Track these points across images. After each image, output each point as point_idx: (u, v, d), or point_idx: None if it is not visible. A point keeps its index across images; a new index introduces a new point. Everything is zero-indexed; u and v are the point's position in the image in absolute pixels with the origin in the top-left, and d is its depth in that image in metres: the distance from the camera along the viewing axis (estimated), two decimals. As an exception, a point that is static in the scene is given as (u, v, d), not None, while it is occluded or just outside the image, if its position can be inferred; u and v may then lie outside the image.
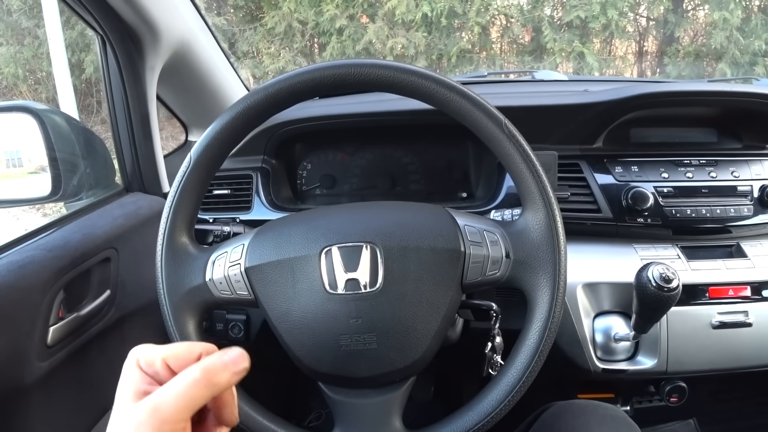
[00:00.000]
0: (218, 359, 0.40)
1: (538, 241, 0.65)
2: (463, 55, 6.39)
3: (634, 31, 6.76)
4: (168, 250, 0.67)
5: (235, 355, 0.41)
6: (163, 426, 0.38)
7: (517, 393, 0.63)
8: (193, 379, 0.39)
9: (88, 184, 1.04)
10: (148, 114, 1.01)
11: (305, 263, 0.64)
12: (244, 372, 0.41)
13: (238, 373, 0.41)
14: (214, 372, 0.40)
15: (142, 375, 0.41)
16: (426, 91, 0.64)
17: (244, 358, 0.41)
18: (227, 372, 0.40)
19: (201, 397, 0.39)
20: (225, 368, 0.40)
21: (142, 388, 0.40)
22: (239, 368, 0.41)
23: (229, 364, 0.40)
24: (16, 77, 6.52)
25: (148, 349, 0.42)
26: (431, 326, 0.65)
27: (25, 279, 0.74)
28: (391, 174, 1.20)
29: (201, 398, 0.39)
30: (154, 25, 0.94)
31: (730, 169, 1.07)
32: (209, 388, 0.39)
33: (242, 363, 0.41)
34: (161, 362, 0.41)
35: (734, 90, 1.06)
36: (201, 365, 0.40)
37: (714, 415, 1.40)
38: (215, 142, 0.67)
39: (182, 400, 0.38)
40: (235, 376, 0.41)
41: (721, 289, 0.99)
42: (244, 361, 0.41)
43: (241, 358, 0.41)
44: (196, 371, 0.39)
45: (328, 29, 6.41)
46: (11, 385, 0.71)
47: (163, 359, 0.42)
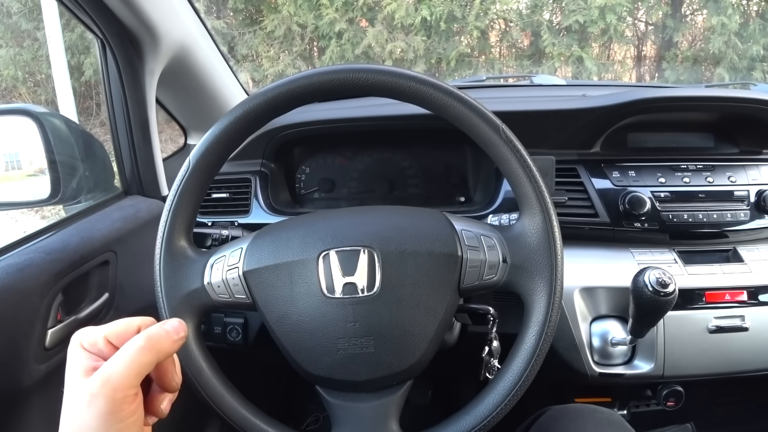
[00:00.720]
0: (159, 328, 0.44)
1: (535, 246, 0.65)
2: (462, 59, 6.41)
3: (632, 36, 6.77)
4: (166, 253, 0.67)
5: (175, 324, 0.45)
6: (116, 394, 0.41)
7: (514, 397, 0.63)
8: (137, 347, 0.42)
9: (87, 187, 1.04)
10: (148, 118, 1.02)
11: (303, 267, 0.65)
12: (183, 340, 0.45)
13: (179, 341, 0.45)
14: (156, 339, 0.43)
15: (87, 354, 0.44)
16: (423, 96, 0.64)
17: (183, 327, 0.46)
18: (168, 339, 0.44)
19: (147, 363, 0.42)
20: (167, 336, 0.44)
21: (90, 365, 0.43)
22: (179, 336, 0.45)
23: (171, 332, 0.44)
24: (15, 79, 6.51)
25: (89, 331, 0.45)
26: (428, 330, 0.65)
27: (24, 282, 0.74)
28: (390, 178, 1.21)
29: (147, 364, 0.42)
30: (154, 28, 0.94)
31: (727, 174, 1.08)
32: (154, 354, 0.43)
33: (181, 331, 0.45)
34: (103, 340, 0.44)
35: (731, 95, 1.07)
36: (144, 334, 0.43)
37: (712, 419, 1.40)
38: (214, 147, 0.67)
39: (130, 367, 0.41)
40: (175, 343, 0.44)
41: (718, 294, 0.99)
42: (183, 329, 0.45)
43: (180, 326, 0.45)
44: (140, 339, 0.43)
45: (328, 33, 6.42)
46: (9, 387, 0.71)
47: (105, 337, 0.44)
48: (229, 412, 0.66)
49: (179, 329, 0.45)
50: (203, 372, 0.66)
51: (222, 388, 0.66)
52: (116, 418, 0.41)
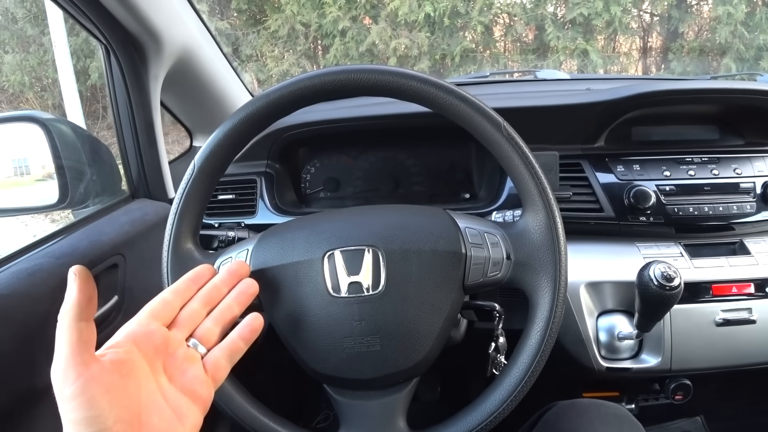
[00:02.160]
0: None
1: (539, 243, 0.65)
2: (466, 54, 6.39)
3: (638, 28, 6.73)
4: (173, 255, 0.68)
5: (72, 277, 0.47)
6: (56, 371, 0.43)
7: (520, 393, 0.64)
8: (59, 321, 0.46)
9: (94, 191, 1.05)
10: (153, 121, 1.02)
11: (309, 267, 0.65)
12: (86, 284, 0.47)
13: (81, 287, 0.47)
14: (66, 303, 0.47)
15: None
16: (425, 95, 0.65)
17: (82, 276, 0.48)
18: (70, 294, 0.47)
19: (72, 328, 0.45)
20: (69, 293, 0.47)
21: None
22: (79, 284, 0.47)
23: (70, 286, 0.47)
24: (22, 84, 6.56)
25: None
26: (434, 328, 0.65)
27: (34, 286, 0.75)
28: (395, 176, 1.21)
29: (73, 329, 0.45)
30: (157, 33, 0.95)
31: (732, 166, 1.07)
32: (72, 318, 0.45)
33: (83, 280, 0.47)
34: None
35: (735, 87, 1.06)
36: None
37: (721, 412, 1.40)
38: (218, 149, 0.68)
39: (61, 341, 0.44)
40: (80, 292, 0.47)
41: (725, 287, 0.99)
42: (83, 277, 0.48)
43: (81, 278, 0.47)
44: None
45: (331, 31, 6.42)
46: (22, 390, 0.72)
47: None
48: (239, 412, 0.66)
49: (70, 276, 0.48)
50: None
51: (231, 387, 0.67)
52: (66, 394, 0.43)
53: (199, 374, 0.51)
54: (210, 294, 0.56)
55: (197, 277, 0.57)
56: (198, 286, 0.56)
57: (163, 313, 0.52)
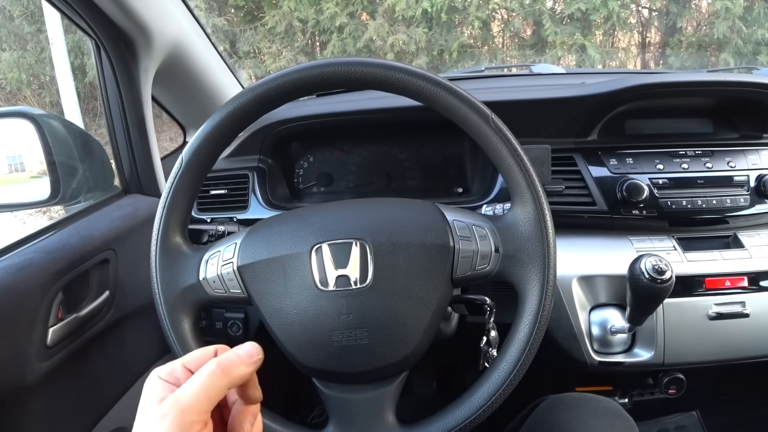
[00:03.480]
0: (232, 353, 0.44)
1: (527, 235, 0.65)
2: (464, 50, 6.39)
3: (636, 23, 6.72)
4: (162, 250, 0.68)
5: (248, 348, 0.45)
6: (184, 416, 0.40)
7: (509, 386, 0.64)
8: (209, 372, 0.42)
9: (86, 187, 1.05)
10: (144, 116, 1.02)
11: (296, 261, 0.65)
12: (259, 362, 0.45)
13: (252, 364, 0.44)
14: (228, 363, 0.43)
15: (163, 383, 0.43)
16: (413, 88, 0.64)
17: (257, 350, 0.45)
18: (241, 363, 0.44)
19: (218, 387, 0.42)
20: (239, 360, 0.44)
21: (165, 394, 0.42)
22: (252, 360, 0.44)
23: (243, 356, 0.44)
24: (20, 82, 6.56)
25: (167, 363, 0.45)
26: (422, 321, 0.65)
27: (24, 281, 0.75)
28: (388, 171, 1.21)
29: (218, 388, 0.42)
30: (147, 28, 0.94)
31: (726, 159, 1.07)
32: (225, 378, 0.42)
33: (256, 355, 0.45)
34: (180, 368, 0.44)
35: (729, 80, 1.06)
36: (216, 359, 0.43)
37: (717, 406, 1.40)
38: (206, 143, 0.68)
39: (200, 390, 0.41)
40: (249, 367, 0.44)
41: (718, 280, 0.99)
42: (258, 353, 0.45)
43: (254, 350, 0.45)
44: (212, 364, 0.42)
45: (329, 27, 6.42)
46: (12, 385, 0.73)
47: (183, 364, 0.44)
48: None
49: (253, 353, 0.45)
50: None
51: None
52: None
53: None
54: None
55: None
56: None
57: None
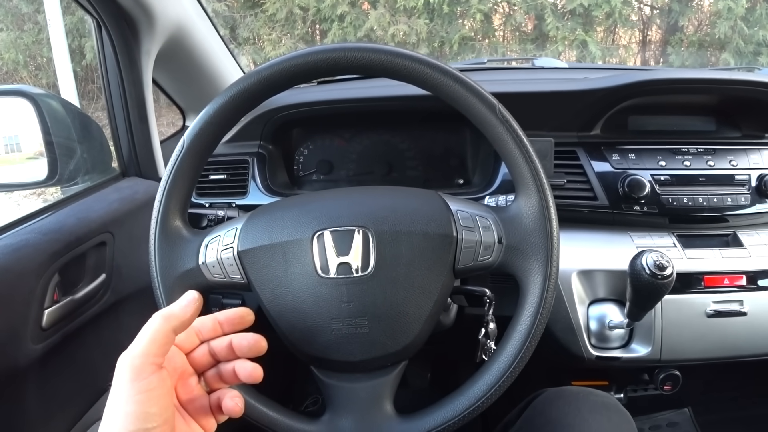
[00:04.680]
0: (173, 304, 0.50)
1: (531, 227, 0.65)
2: (465, 42, 6.37)
3: (637, 20, 6.72)
4: (161, 233, 0.67)
5: (183, 296, 0.50)
6: (134, 361, 0.45)
7: (508, 378, 0.63)
8: (151, 320, 0.47)
9: (84, 168, 1.04)
10: (144, 98, 1.01)
11: (297, 247, 0.64)
12: (194, 304, 0.49)
13: (187, 306, 0.49)
14: (167, 310, 0.48)
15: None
16: (419, 76, 0.64)
17: (192, 295, 0.50)
18: (177, 306, 0.49)
19: (161, 331, 0.46)
20: (176, 304, 0.49)
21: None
22: (187, 300, 0.49)
23: (180, 301, 0.49)
24: (16, 63, 6.51)
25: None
26: (423, 311, 0.65)
27: (20, 262, 0.74)
28: (389, 160, 1.20)
29: (162, 332, 0.46)
30: (149, 8, 0.93)
31: (728, 157, 1.07)
32: (166, 323, 0.47)
33: (189, 296, 0.49)
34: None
35: (732, 78, 1.05)
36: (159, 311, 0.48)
37: (709, 404, 1.41)
38: (208, 127, 0.67)
39: (145, 337, 0.46)
40: (184, 308, 0.49)
41: (717, 278, 0.99)
42: (192, 296, 0.49)
43: (191, 296, 0.49)
44: (155, 315, 0.48)
45: (330, 15, 6.39)
46: (6, 366, 0.72)
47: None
48: None
49: (187, 296, 0.49)
50: None
51: None
52: (138, 387, 0.44)
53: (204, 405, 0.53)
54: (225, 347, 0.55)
55: (230, 325, 0.57)
56: (226, 331, 0.56)
57: (186, 343, 0.54)
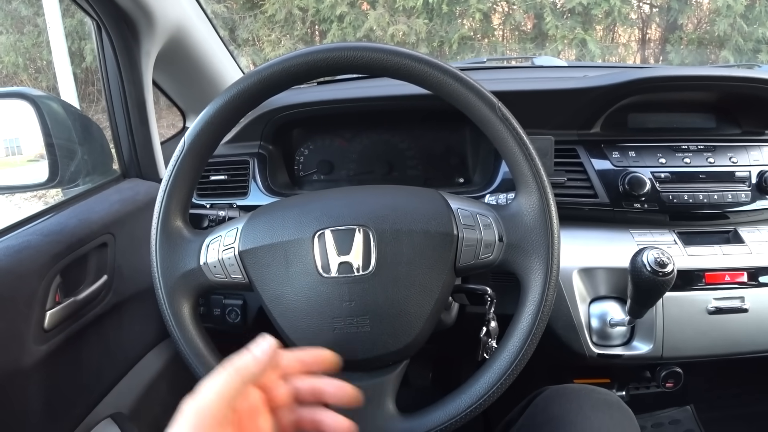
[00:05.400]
0: (246, 353, 0.47)
1: (532, 225, 0.65)
2: (464, 42, 6.36)
3: (636, 18, 6.71)
4: (162, 234, 0.67)
5: (260, 343, 0.48)
6: (202, 420, 0.42)
7: (510, 376, 0.63)
8: (222, 372, 0.45)
9: (85, 170, 1.04)
10: (145, 100, 1.01)
11: (298, 246, 0.64)
12: (270, 353, 0.47)
13: (264, 356, 0.47)
14: (241, 362, 0.46)
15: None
16: (419, 75, 0.64)
17: (268, 342, 0.48)
18: (253, 359, 0.46)
19: (233, 388, 0.45)
20: (252, 356, 0.47)
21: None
22: (264, 352, 0.47)
23: (255, 351, 0.47)
24: (16, 66, 6.50)
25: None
26: (424, 309, 0.65)
27: (22, 264, 0.74)
28: (389, 160, 1.20)
29: (233, 389, 0.45)
30: (149, 9, 0.93)
31: (728, 154, 1.07)
32: (239, 378, 0.45)
33: (267, 347, 0.47)
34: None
35: (732, 75, 1.05)
36: (233, 362, 0.46)
37: (712, 401, 1.40)
38: (209, 127, 0.67)
39: (215, 394, 0.44)
40: (260, 360, 0.47)
41: (718, 275, 0.99)
42: (268, 344, 0.48)
43: (264, 343, 0.48)
44: (228, 367, 0.46)
45: (329, 16, 6.38)
46: (9, 368, 0.72)
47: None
48: None
49: (263, 347, 0.47)
50: (199, 351, 0.67)
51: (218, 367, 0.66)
52: None
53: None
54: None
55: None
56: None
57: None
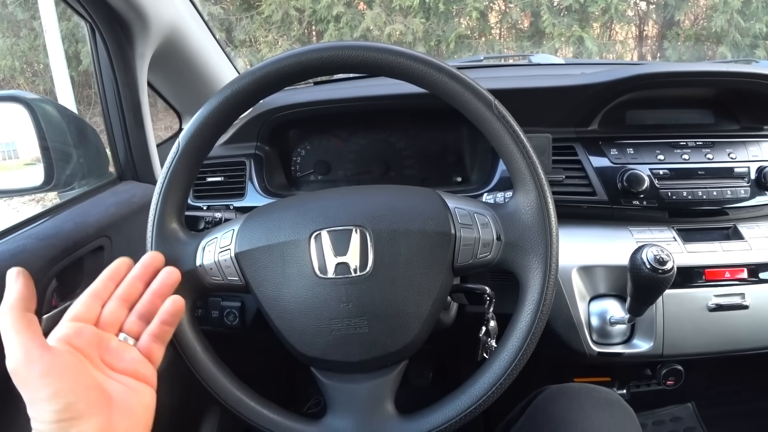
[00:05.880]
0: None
1: (530, 223, 0.64)
2: (461, 41, 6.36)
3: (633, 15, 6.72)
4: (158, 236, 0.67)
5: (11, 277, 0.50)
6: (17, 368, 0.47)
7: (509, 376, 0.63)
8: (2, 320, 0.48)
9: (80, 173, 1.03)
10: (140, 102, 1.01)
11: (295, 248, 0.64)
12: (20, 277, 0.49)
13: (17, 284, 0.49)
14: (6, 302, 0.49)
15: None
16: (415, 73, 0.63)
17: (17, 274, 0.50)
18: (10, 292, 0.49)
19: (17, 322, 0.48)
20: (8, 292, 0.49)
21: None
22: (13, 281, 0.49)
23: (9, 284, 0.49)
24: (13, 69, 6.51)
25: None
26: (422, 310, 0.65)
27: None
28: (386, 159, 1.20)
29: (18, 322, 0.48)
30: (143, 11, 0.93)
31: (726, 150, 1.06)
32: (14, 311, 0.48)
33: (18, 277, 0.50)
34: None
35: (730, 70, 1.05)
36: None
37: (712, 398, 1.40)
38: (203, 128, 0.66)
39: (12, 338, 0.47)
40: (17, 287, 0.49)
41: (718, 272, 0.99)
42: (19, 275, 0.50)
43: (16, 276, 0.50)
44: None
45: (326, 16, 6.39)
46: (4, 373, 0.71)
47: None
48: (224, 394, 0.66)
49: (10, 276, 0.50)
50: (198, 355, 0.66)
51: (216, 370, 0.66)
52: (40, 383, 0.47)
53: (136, 356, 0.54)
54: (127, 291, 0.57)
55: (113, 275, 0.58)
56: (115, 283, 0.58)
57: (85, 314, 0.54)
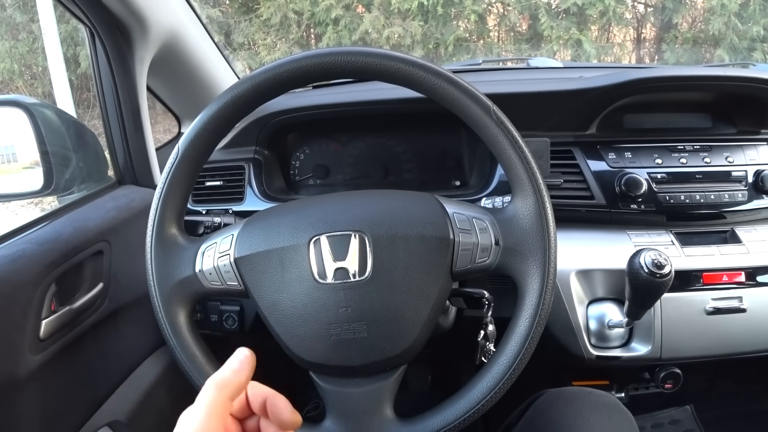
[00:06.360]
0: (223, 367, 0.44)
1: (528, 228, 0.65)
2: (460, 44, 6.37)
3: (631, 18, 6.73)
4: (157, 241, 0.67)
5: (235, 354, 0.45)
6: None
7: (508, 380, 0.63)
8: (205, 389, 0.42)
9: (80, 177, 1.03)
10: (139, 106, 1.01)
11: (294, 253, 0.64)
12: (248, 362, 0.44)
13: (241, 367, 0.44)
14: (220, 377, 0.43)
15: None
16: (413, 78, 0.63)
17: (243, 353, 0.45)
18: (231, 372, 0.43)
19: (220, 403, 0.42)
20: (229, 369, 0.44)
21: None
22: (241, 363, 0.44)
23: (232, 363, 0.44)
24: (11, 72, 6.50)
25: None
26: (421, 314, 0.65)
27: (17, 273, 0.74)
28: (385, 163, 1.20)
29: (220, 404, 0.42)
30: (142, 16, 0.93)
31: (724, 154, 1.07)
32: (222, 392, 0.42)
33: (244, 358, 0.44)
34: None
35: (728, 74, 1.05)
36: (210, 378, 0.43)
37: (711, 401, 1.40)
38: (203, 133, 0.67)
39: (205, 411, 0.41)
40: (239, 372, 0.44)
41: (716, 275, 0.99)
42: (245, 355, 0.45)
43: (240, 354, 0.45)
44: (208, 383, 0.43)
45: (324, 19, 6.39)
46: (5, 378, 0.72)
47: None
48: None
49: (239, 357, 0.45)
50: (196, 359, 0.66)
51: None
52: None
53: None
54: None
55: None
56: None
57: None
